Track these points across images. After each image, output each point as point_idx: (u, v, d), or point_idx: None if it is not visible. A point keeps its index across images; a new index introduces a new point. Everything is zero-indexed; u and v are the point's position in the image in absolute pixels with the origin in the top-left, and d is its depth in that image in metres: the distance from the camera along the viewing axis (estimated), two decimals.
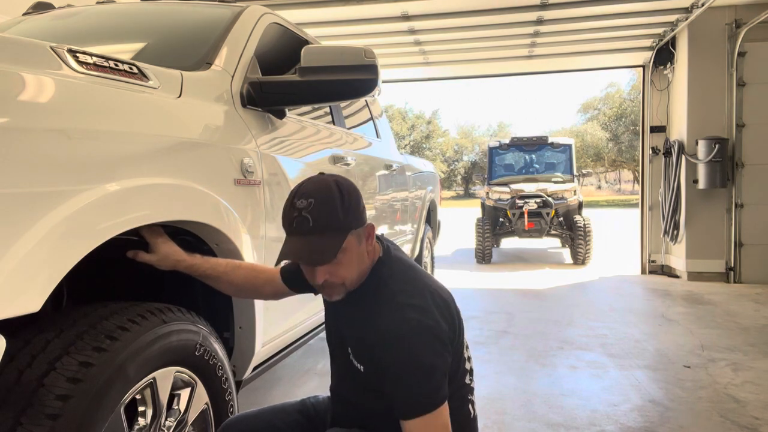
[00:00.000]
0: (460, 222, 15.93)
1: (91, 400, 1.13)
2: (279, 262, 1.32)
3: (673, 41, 6.84)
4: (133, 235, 1.42)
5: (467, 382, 1.46)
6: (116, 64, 1.39)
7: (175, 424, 1.45)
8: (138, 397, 1.32)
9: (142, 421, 1.34)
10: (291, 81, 1.97)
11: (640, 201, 7.74)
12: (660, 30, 6.66)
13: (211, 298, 1.74)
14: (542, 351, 3.87)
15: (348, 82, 1.94)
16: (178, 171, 1.46)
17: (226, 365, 1.63)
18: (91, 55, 1.33)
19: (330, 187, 1.28)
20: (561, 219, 8.78)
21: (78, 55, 1.29)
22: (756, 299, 5.56)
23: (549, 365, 3.55)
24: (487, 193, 9.54)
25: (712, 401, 2.91)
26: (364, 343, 1.34)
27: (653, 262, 7.42)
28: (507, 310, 5.27)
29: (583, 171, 12.48)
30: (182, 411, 1.48)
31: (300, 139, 2.29)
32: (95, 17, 2.43)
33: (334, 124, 2.87)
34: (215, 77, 1.85)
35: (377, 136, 3.68)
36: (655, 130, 7.34)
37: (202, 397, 1.55)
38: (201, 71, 1.83)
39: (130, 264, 1.51)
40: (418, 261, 4.43)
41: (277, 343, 2.13)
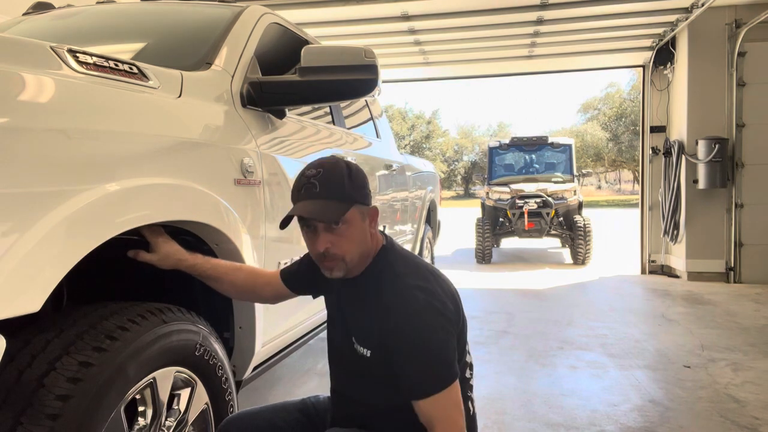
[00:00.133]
0: (460, 222, 15.92)
1: (91, 400, 1.13)
2: (283, 225, 1.35)
3: (673, 41, 6.84)
4: (134, 234, 1.42)
5: (467, 376, 1.46)
6: (116, 64, 1.39)
7: (175, 424, 1.45)
8: (138, 397, 1.32)
9: (142, 421, 1.34)
10: (291, 81, 1.97)
11: (640, 201, 7.74)
12: (660, 30, 6.67)
13: (211, 298, 1.74)
14: (542, 351, 3.87)
15: (348, 82, 1.94)
16: (178, 171, 1.46)
17: (226, 365, 1.63)
18: (91, 55, 1.33)
19: (339, 162, 1.38)
20: (561, 219, 8.78)
21: (78, 55, 1.29)
22: (756, 299, 5.56)
23: (549, 365, 3.55)
24: (487, 193, 9.54)
25: (712, 401, 2.91)
26: (372, 326, 1.35)
27: (653, 262, 7.42)
28: (507, 310, 5.27)
29: (583, 171, 12.51)
30: (182, 411, 1.48)
31: (300, 139, 2.29)
32: (95, 17, 2.43)
33: (334, 124, 2.87)
34: (215, 77, 1.85)
35: (377, 136, 3.68)
36: (655, 130, 7.34)
37: (202, 397, 1.55)
38: (201, 71, 1.83)
39: (130, 264, 1.51)
40: None
41: (277, 343, 2.13)
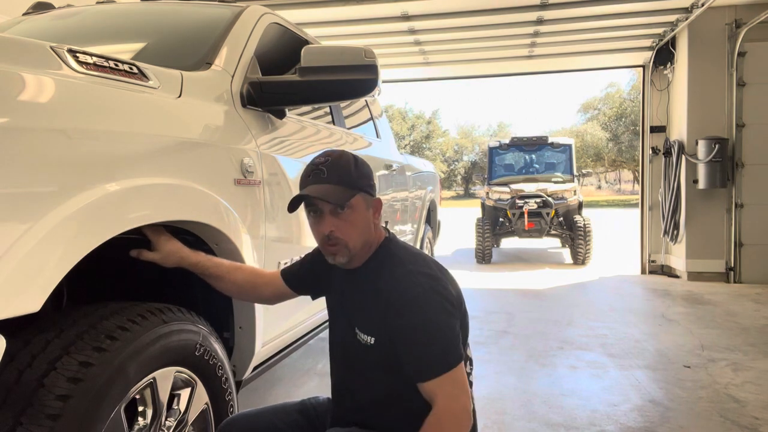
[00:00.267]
0: (460, 222, 15.92)
1: (91, 400, 1.13)
2: (291, 208, 1.40)
3: (673, 41, 6.84)
4: (135, 234, 1.42)
5: (468, 371, 1.46)
6: (116, 64, 1.39)
7: (175, 424, 1.45)
8: (138, 397, 1.32)
9: (142, 421, 1.34)
10: (291, 81, 1.97)
11: (640, 201, 7.74)
12: (660, 30, 6.67)
13: (211, 298, 1.74)
14: (542, 351, 3.87)
15: (348, 82, 1.94)
16: (178, 171, 1.46)
17: (226, 365, 1.63)
18: (91, 55, 1.33)
19: (346, 153, 1.45)
20: (561, 219, 8.79)
21: (78, 55, 1.29)
22: (756, 299, 5.56)
23: (549, 365, 3.55)
24: (487, 193, 9.55)
25: (712, 401, 2.91)
26: (375, 312, 1.37)
27: (653, 262, 7.42)
28: (507, 310, 5.27)
29: (583, 171, 12.51)
30: (182, 411, 1.47)
31: (300, 139, 2.29)
32: (95, 17, 2.43)
33: (334, 124, 2.87)
34: (215, 77, 1.85)
35: (377, 136, 3.68)
36: (655, 130, 7.34)
37: (202, 397, 1.55)
38: (201, 71, 1.83)
39: (130, 264, 1.51)
40: None
41: (277, 343, 2.13)
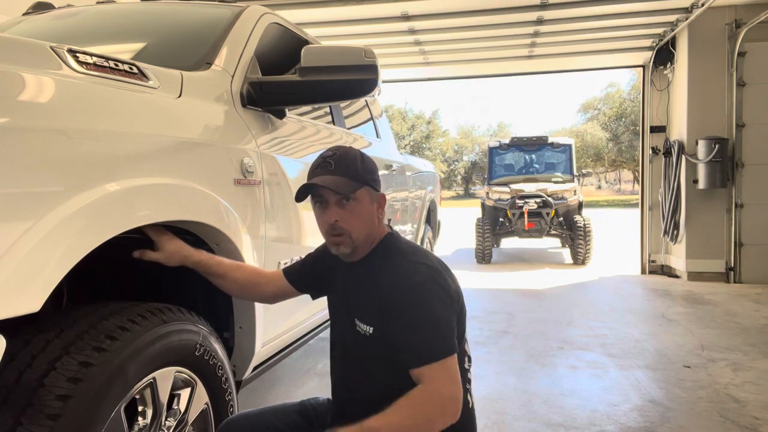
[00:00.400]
0: (460, 222, 15.92)
1: (91, 400, 1.13)
2: (299, 198, 1.42)
3: (673, 41, 6.84)
4: (136, 233, 1.42)
5: (467, 367, 1.47)
6: (116, 64, 1.39)
7: (175, 424, 1.45)
8: (138, 397, 1.32)
9: (142, 421, 1.34)
10: (291, 81, 1.97)
11: (640, 201, 7.74)
12: (660, 30, 6.66)
13: (211, 298, 1.74)
14: (542, 351, 3.87)
15: (348, 82, 1.95)
16: (178, 171, 1.46)
17: (226, 365, 1.63)
18: (91, 55, 1.33)
19: (354, 149, 1.49)
20: (561, 219, 8.78)
21: (78, 55, 1.29)
22: (756, 299, 5.56)
23: (549, 365, 3.55)
24: (487, 193, 9.54)
25: (712, 401, 2.91)
26: (374, 301, 1.38)
27: (653, 262, 7.42)
28: (507, 310, 5.27)
29: (583, 171, 12.50)
30: (182, 411, 1.47)
31: (300, 139, 2.29)
32: (95, 17, 2.43)
33: (334, 124, 2.87)
34: (215, 77, 1.85)
35: (377, 136, 3.68)
36: (655, 130, 7.34)
37: (202, 397, 1.55)
38: (201, 71, 1.83)
39: (130, 263, 1.51)
40: None
41: (277, 343, 2.13)
